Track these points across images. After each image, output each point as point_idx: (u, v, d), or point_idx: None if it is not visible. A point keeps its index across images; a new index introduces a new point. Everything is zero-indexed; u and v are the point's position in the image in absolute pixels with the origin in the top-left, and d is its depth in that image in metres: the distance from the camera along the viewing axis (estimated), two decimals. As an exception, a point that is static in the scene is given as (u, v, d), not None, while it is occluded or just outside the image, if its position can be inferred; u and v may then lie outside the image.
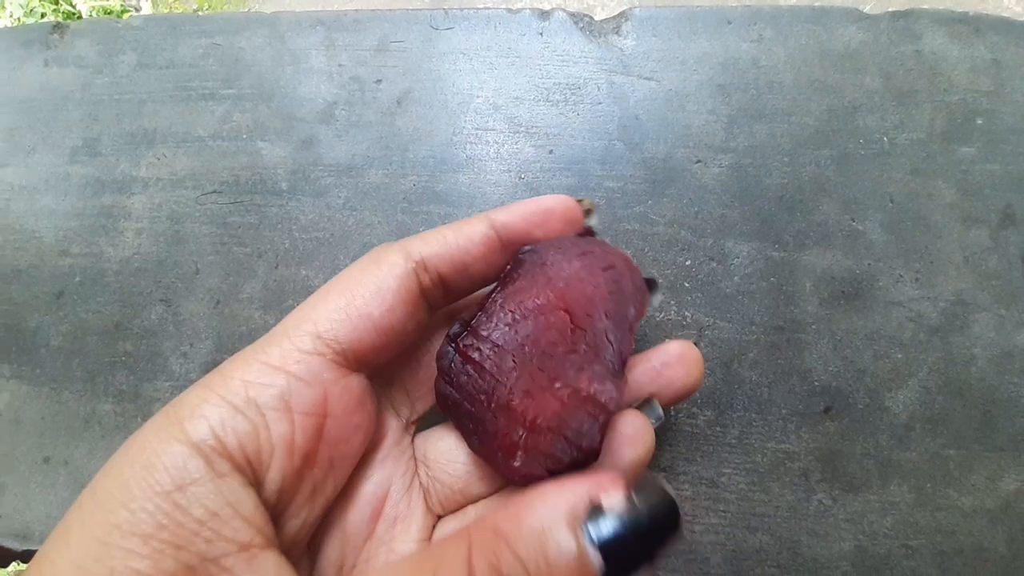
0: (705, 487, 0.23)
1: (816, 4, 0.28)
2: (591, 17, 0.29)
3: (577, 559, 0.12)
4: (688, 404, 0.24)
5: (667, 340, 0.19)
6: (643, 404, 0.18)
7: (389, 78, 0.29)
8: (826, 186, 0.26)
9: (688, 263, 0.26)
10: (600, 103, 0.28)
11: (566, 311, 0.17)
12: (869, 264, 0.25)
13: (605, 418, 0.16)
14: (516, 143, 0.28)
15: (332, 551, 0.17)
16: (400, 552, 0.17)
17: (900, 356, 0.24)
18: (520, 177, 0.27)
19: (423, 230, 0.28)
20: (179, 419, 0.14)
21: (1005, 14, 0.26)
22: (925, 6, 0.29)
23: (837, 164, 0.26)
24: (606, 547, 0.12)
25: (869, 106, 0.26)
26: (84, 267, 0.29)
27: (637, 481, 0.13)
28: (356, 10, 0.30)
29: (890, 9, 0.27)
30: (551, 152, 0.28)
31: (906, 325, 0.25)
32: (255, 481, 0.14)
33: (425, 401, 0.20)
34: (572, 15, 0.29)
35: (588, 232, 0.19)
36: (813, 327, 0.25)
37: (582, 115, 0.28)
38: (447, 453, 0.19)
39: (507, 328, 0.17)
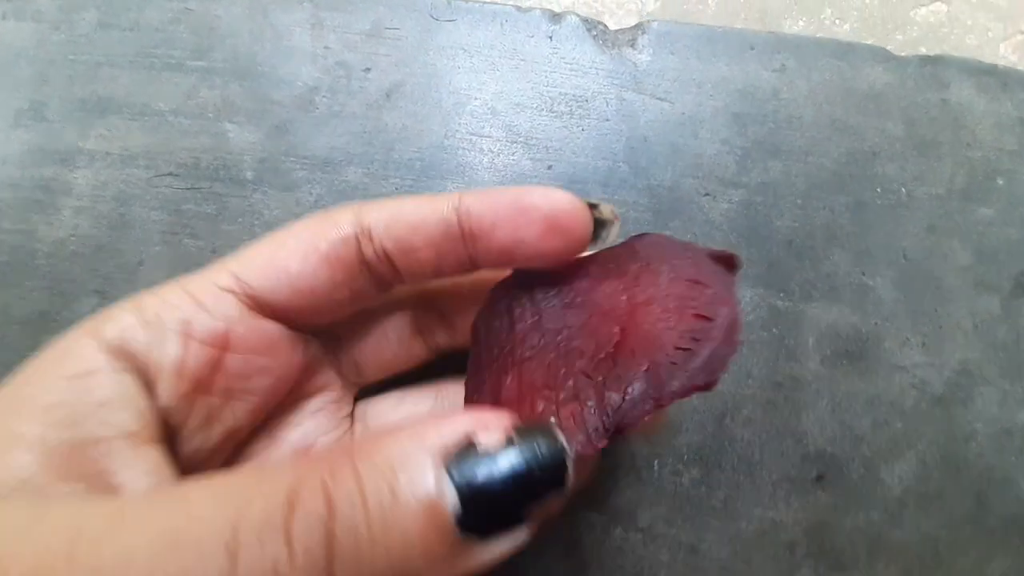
0: (684, 554, 0.21)
1: (843, 39, 0.26)
2: (605, 25, 0.27)
3: (428, 499, 0.10)
4: (673, 460, 0.22)
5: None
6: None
7: (379, 67, 0.26)
8: (838, 234, 0.24)
9: (686, 304, 0.24)
10: (607, 120, 0.26)
11: (621, 331, 0.14)
12: (876, 323, 0.24)
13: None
14: (513, 154, 0.25)
15: None
16: None
17: (900, 426, 0.23)
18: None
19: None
20: (96, 322, 0.15)
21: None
22: (954, 52, 0.27)
23: (852, 212, 0.24)
24: (468, 490, 0.10)
25: (889, 153, 0.25)
26: (13, 245, 0.25)
27: (526, 424, 0.12)
28: (349, -11, 0.27)
29: (919, 52, 0.26)
30: (550, 168, 0.25)
31: (909, 393, 0.23)
32: (149, 388, 0.15)
33: (375, 373, 0.20)
34: (585, 20, 0.27)
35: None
36: (813, 386, 0.23)
37: (587, 131, 0.26)
38: (381, 415, 0.19)
39: (559, 308, 0.15)
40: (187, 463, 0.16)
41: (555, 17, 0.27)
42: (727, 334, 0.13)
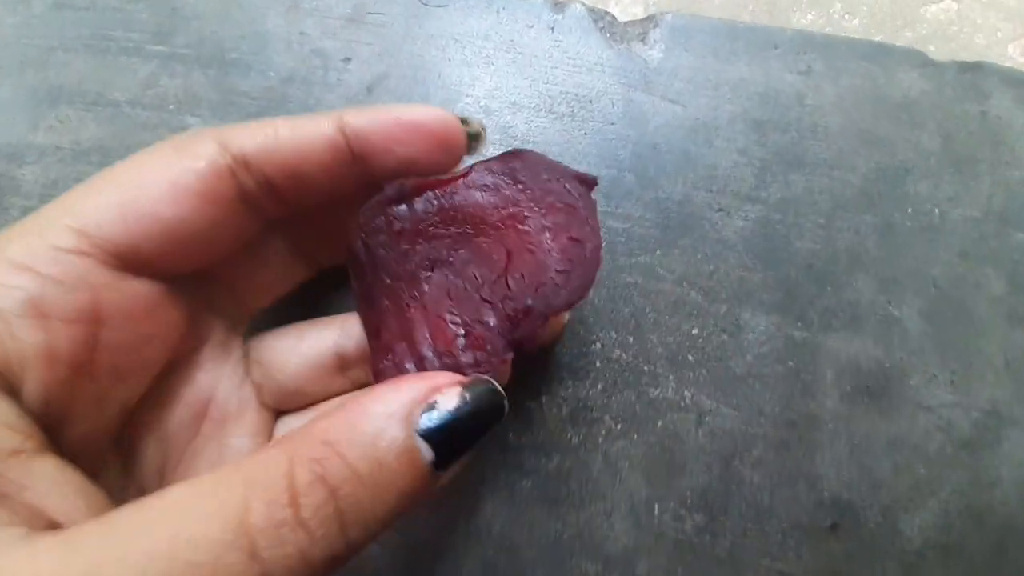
0: (685, 609, 0.19)
1: (876, 39, 0.23)
2: (613, 16, 0.24)
3: (407, 453, 0.12)
4: (675, 504, 0.20)
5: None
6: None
7: (361, 57, 0.24)
8: (863, 259, 0.22)
9: (695, 332, 0.22)
10: (613, 123, 0.23)
11: (508, 255, 0.16)
12: (901, 358, 0.21)
13: (487, 369, 0.16)
14: (507, 159, 0.23)
15: (150, 452, 0.16)
16: (234, 447, 0.17)
17: (923, 471, 0.21)
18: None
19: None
20: None
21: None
22: (962, 51, 0.26)
23: (879, 234, 0.22)
24: (435, 439, 0.13)
25: (923, 170, 0.23)
26: (-50, 247, 0.23)
27: (472, 381, 0.14)
28: (329, -32, 0.24)
29: (958, 59, 0.23)
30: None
31: (934, 435, 0.21)
32: (11, 390, 0.13)
33: (256, 302, 0.18)
34: (592, 11, 0.24)
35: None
36: (830, 426, 0.21)
37: (590, 135, 0.23)
38: (283, 353, 0.18)
39: (446, 226, 0.16)
40: (78, 449, 0.14)
41: (558, 6, 0.24)
42: (594, 255, 0.16)
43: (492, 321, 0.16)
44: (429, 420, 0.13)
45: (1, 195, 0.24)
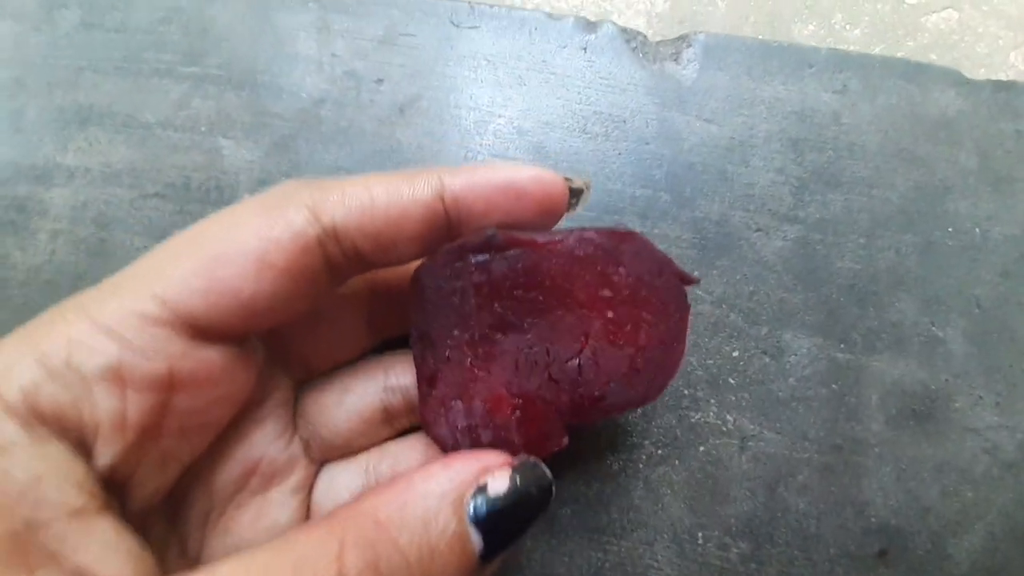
0: (734, 642, 0.19)
1: (912, 59, 0.23)
2: (645, 36, 0.24)
3: (458, 541, 0.12)
4: (720, 532, 0.20)
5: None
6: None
7: (393, 78, 0.24)
8: (905, 279, 0.22)
9: (736, 355, 0.21)
10: (648, 143, 0.23)
11: (586, 338, 0.15)
12: (947, 380, 0.21)
13: (536, 451, 0.16)
14: (541, 180, 0.23)
15: (198, 504, 0.16)
16: (276, 502, 0.17)
17: (970, 495, 0.21)
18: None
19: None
20: None
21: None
22: (964, 60, 0.26)
23: (920, 253, 0.22)
24: (486, 527, 0.13)
25: (962, 188, 0.23)
26: (-21, 271, 0.23)
27: (520, 464, 0.14)
28: (361, -10, 0.24)
29: (993, 77, 0.23)
30: (582, 196, 0.23)
31: (980, 458, 0.21)
32: (83, 450, 0.13)
33: (322, 364, 0.18)
34: (624, 31, 0.24)
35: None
36: (876, 450, 0.21)
37: (624, 155, 0.23)
38: (328, 408, 0.18)
39: (528, 289, 0.15)
40: (139, 507, 0.14)
41: (590, 26, 0.24)
42: (676, 360, 0.16)
43: (555, 402, 0.15)
44: (480, 505, 0.13)
45: (29, 217, 0.24)
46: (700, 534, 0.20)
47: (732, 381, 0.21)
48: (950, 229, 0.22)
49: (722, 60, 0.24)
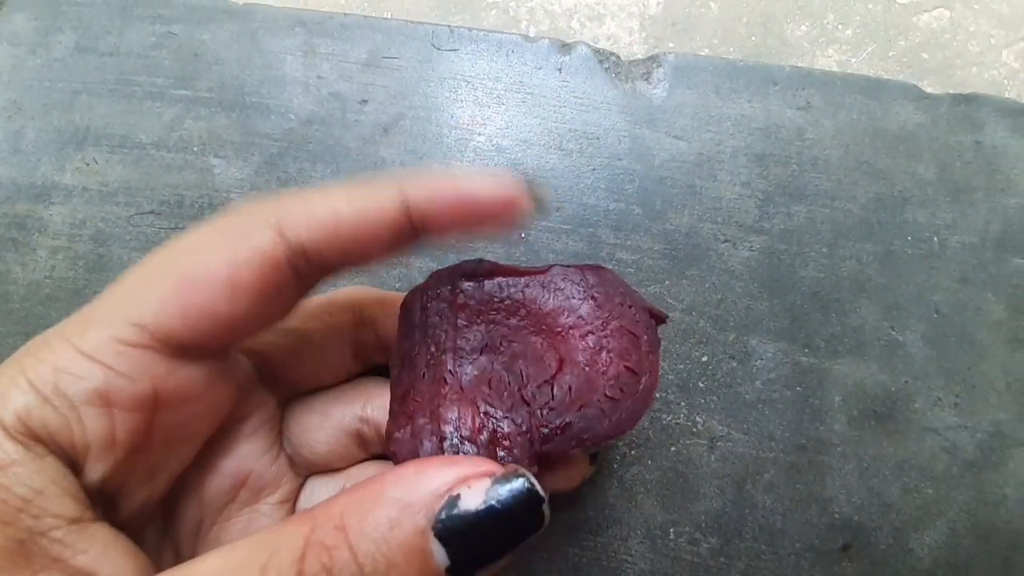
0: (702, 633, 0.21)
1: (872, 75, 0.25)
2: (618, 57, 0.26)
3: (418, 554, 0.12)
4: (690, 528, 0.22)
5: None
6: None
7: (377, 99, 0.26)
8: (866, 286, 0.24)
9: (705, 359, 0.23)
10: (620, 159, 0.25)
11: (560, 362, 0.16)
12: (906, 382, 0.23)
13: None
14: (519, 194, 0.25)
15: (189, 514, 0.17)
16: (263, 512, 0.18)
17: (931, 492, 0.22)
18: (521, 235, 0.24)
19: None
20: None
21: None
22: (956, 58, 0.27)
23: (881, 262, 0.24)
24: (453, 542, 0.12)
25: (921, 199, 0.24)
26: (-19, 287, 0.24)
27: (503, 475, 0.13)
28: (345, 14, 0.26)
29: (951, 91, 0.25)
30: (558, 209, 0.25)
31: (940, 456, 0.22)
32: (74, 467, 0.14)
33: (307, 385, 0.19)
34: (597, 51, 0.26)
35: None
36: (839, 449, 0.22)
37: (598, 170, 0.25)
38: (309, 431, 0.19)
39: (508, 315, 0.16)
40: (130, 516, 0.15)
41: (564, 48, 0.26)
42: (648, 392, 0.16)
43: (525, 425, 0.16)
44: (448, 519, 0.12)
45: (29, 235, 0.25)
46: (672, 530, 0.22)
47: (701, 384, 0.23)
48: (909, 238, 0.24)
49: (691, 79, 0.25)
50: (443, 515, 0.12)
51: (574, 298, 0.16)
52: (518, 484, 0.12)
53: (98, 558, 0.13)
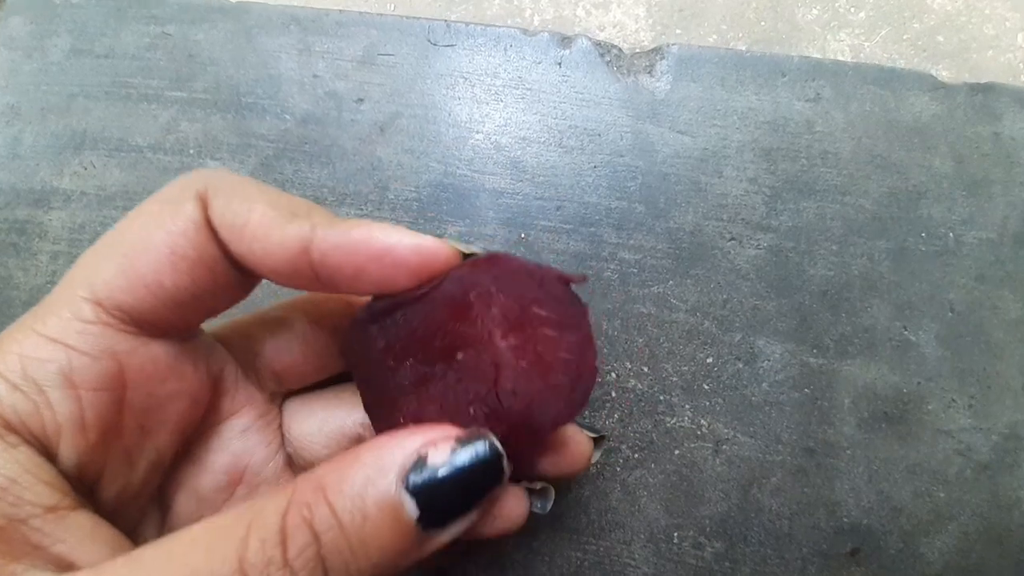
0: (706, 638, 0.21)
1: (886, 64, 0.25)
2: (620, 49, 0.26)
3: (390, 507, 0.13)
4: (695, 532, 0.22)
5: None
6: (538, 490, 0.19)
7: (373, 98, 0.26)
8: (878, 284, 0.23)
9: (710, 360, 0.23)
10: (622, 156, 0.25)
11: (496, 368, 0.16)
12: (919, 383, 0.23)
13: None
14: (519, 193, 0.25)
15: (186, 511, 0.18)
16: None
17: (943, 495, 0.22)
18: (521, 235, 0.24)
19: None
20: None
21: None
22: (971, 41, 0.26)
23: (893, 259, 0.23)
24: (422, 496, 0.13)
25: (936, 193, 0.24)
26: (-16, 293, 0.25)
27: (467, 435, 0.14)
28: (340, 10, 0.26)
29: (968, 80, 0.24)
30: (559, 208, 0.24)
31: (953, 459, 0.22)
32: (48, 454, 0.15)
33: (297, 384, 0.20)
34: (598, 44, 0.26)
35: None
36: (848, 452, 0.22)
37: (599, 168, 0.25)
38: (310, 435, 0.19)
39: (427, 341, 0.16)
40: (114, 504, 0.16)
41: (564, 41, 0.26)
42: (587, 366, 0.16)
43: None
44: (418, 476, 0.13)
45: (29, 240, 0.26)
46: (676, 534, 0.22)
47: (706, 387, 0.23)
48: (924, 234, 0.24)
49: (695, 71, 0.25)
50: (413, 473, 0.13)
51: (479, 300, 0.16)
52: (479, 444, 0.14)
53: (76, 547, 0.14)
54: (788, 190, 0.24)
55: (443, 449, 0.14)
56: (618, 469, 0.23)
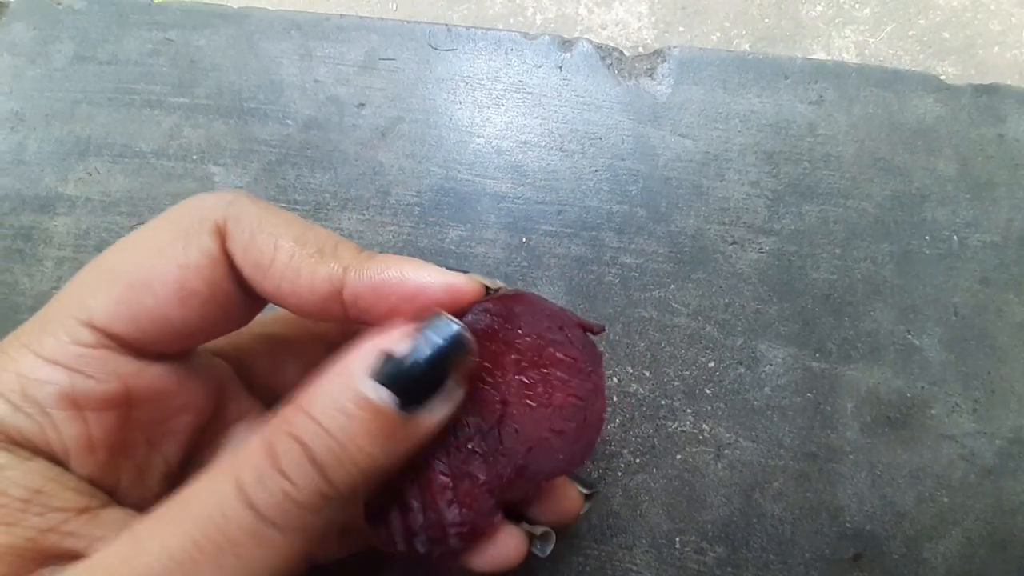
0: (708, 643, 0.21)
1: (889, 66, 0.25)
2: (621, 52, 0.26)
3: (366, 401, 0.14)
4: (697, 537, 0.22)
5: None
6: (539, 535, 0.19)
7: (374, 103, 0.26)
8: (882, 288, 0.23)
9: (712, 365, 0.23)
10: (623, 159, 0.25)
11: (502, 404, 0.16)
12: (923, 387, 0.23)
13: (471, 528, 0.16)
14: (520, 197, 0.25)
15: None
16: None
17: (946, 500, 0.22)
18: (523, 240, 0.24)
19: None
20: None
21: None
22: (977, 37, 0.26)
23: (897, 263, 0.23)
24: (396, 383, 0.14)
25: (940, 196, 0.24)
26: (-9, 298, 0.25)
27: (424, 322, 0.14)
28: (341, 15, 0.26)
29: (973, 82, 0.24)
30: (560, 213, 0.24)
31: (957, 464, 0.22)
32: (63, 465, 0.15)
33: (292, 390, 0.19)
34: (599, 47, 0.26)
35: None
36: (851, 457, 0.22)
37: (601, 171, 0.25)
38: None
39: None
40: (133, 506, 0.16)
41: (565, 44, 0.26)
42: (596, 416, 0.16)
43: (481, 476, 0.16)
44: (387, 369, 0.14)
45: (35, 246, 0.26)
46: (678, 539, 0.22)
47: (708, 391, 0.23)
48: (927, 237, 0.24)
49: (697, 74, 0.25)
50: (382, 368, 0.14)
51: (501, 334, 0.16)
52: (437, 324, 0.14)
53: (111, 538, 0.14)
54: (790, 193, 0.24)
55: (403, 340, 0.14)
56: (620, 474, 0.23)
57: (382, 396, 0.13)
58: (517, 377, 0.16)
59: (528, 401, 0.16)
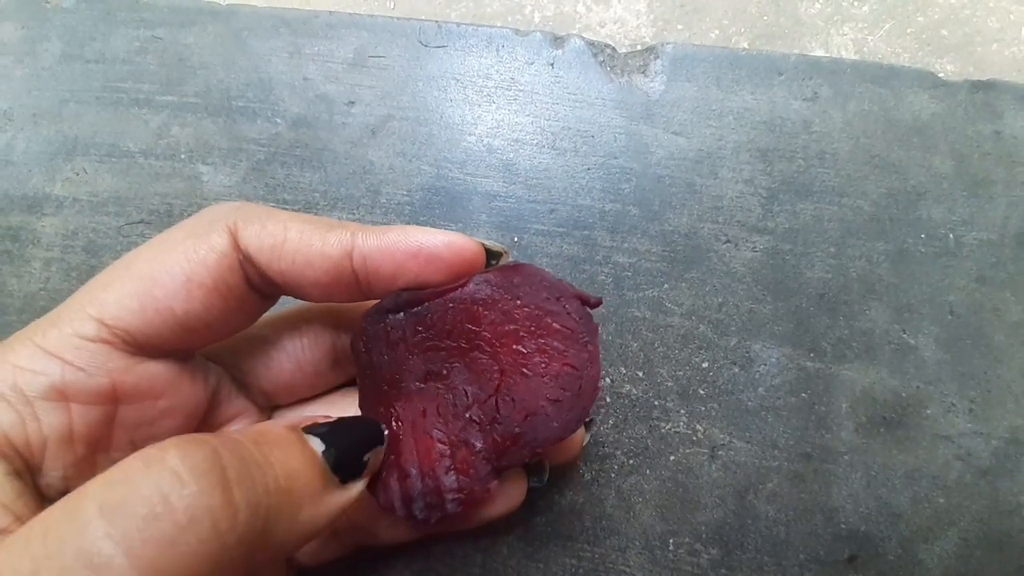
0: (701, 645, 0.21)
1: (885, 62, 0.24)
2: (614, 49, 0.25)
3: (290, 430, 0.15)
4: (690, 539, 0.22)
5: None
6: (533, 466, 0.19)
7: (364, 100, 0.26)
8: (876, 287, 0.23)
9: (705, 365, 0.23)
10: (616, 157, 0.25)
11: (500, 373, 0.16)
12: (918, 387, 0.22)
13: (468, 494, 0.17)
14: (512, 196, 0.25)
15: None
16: None
17: (942, 501, 0.22)
18: (514, 239, 0.24)
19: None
20: None
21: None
22: (976, 34, 0.26)
23: (892, 261, 0.23)
24: (325, 437, 0.15)
25: (936, 194, 0.24)
26: (-22, 300, 0.25)
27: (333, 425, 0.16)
28: (330, 12, 0.26)
29: (970, 78, 0.24)
30: (552, 212, 0.24)
31: (953, 464, 0.22)
32: (29, 468, 0.15)
33: (284, 397, 0.20)
34: (591, 44, 0.25)
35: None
36: (846, 458, 0.22)
37: (593, 170, 0.25)
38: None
39: (441, 339, 0.17)
40: None
41: (557, 40, 0.25)
42: (591, 384, 0.16)
43: (478, 444, 0.16)
44: (317, 430, 0.15)
45: (23, 247, 0.26)
46: (671, 541, 0.22)
47: (702, 391, 0.23)
48: (923, 236, 0.23)
49: (690, 71, 0.25)
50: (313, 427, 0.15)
51: (500, 304, 0.16)
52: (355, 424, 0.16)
53: None
54: (785, 191, 0.24)
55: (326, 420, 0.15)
56: (613, 475, 0.23)
57: (313, 441, 0.14)
58: (515, 347, 0.16)
59: (525, 370, 0.16)
